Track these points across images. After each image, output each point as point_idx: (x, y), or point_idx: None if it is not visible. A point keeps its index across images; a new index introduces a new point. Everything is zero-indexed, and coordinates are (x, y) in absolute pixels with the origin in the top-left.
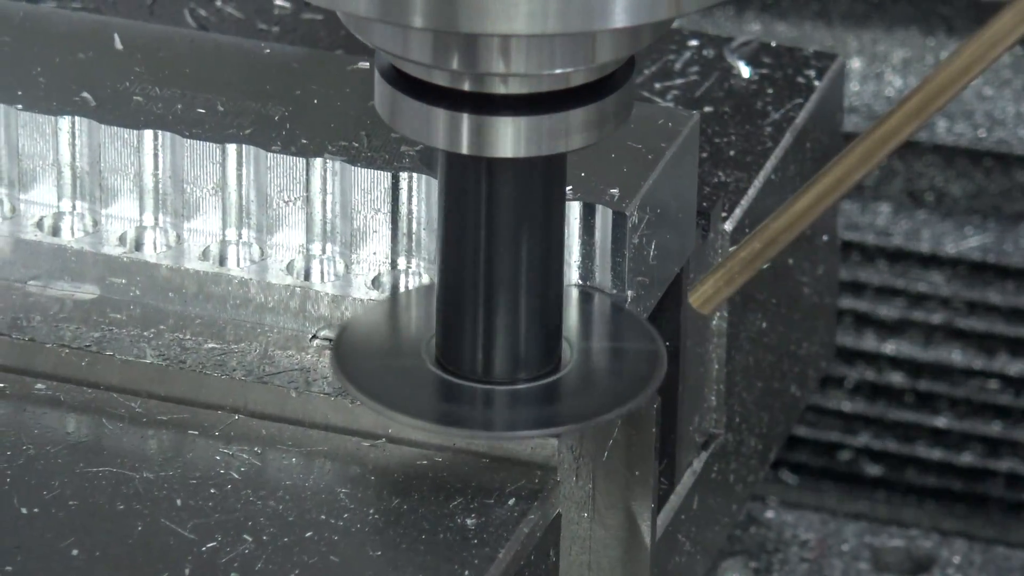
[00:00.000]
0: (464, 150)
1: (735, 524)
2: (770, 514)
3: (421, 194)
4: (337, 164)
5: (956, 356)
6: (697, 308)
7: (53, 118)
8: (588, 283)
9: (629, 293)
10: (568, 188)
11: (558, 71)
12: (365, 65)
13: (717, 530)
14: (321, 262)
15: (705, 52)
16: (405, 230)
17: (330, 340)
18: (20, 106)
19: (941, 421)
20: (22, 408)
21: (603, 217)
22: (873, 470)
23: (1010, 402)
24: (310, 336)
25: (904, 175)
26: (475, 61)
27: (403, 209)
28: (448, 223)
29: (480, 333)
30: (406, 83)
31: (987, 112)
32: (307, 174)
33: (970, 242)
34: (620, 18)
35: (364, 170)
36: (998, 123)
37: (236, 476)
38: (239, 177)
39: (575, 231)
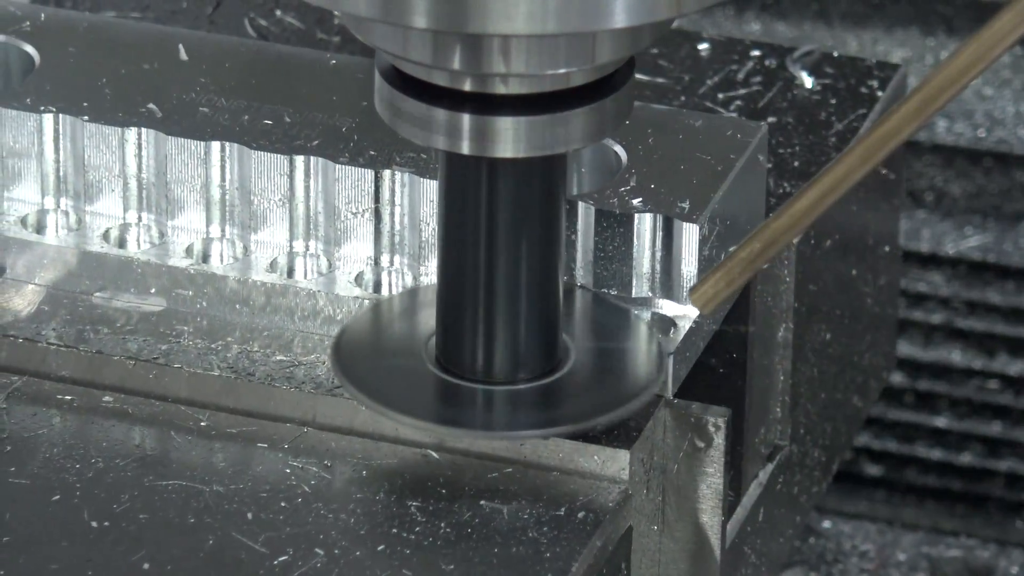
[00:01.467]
0: (464, 150)
1: (798, 535)
2: (827, 524)
3: None
4: (405, 175)
5: (956, 356)
6: (697, 308)
7: (120, 129)
8: (657, 296)
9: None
10: (638, 200)
11: (558, 71)
12: None
13: (781, 542)
14: (389, 274)
15: (767, 62)
16: None
17: None
18: (86, 117)
19: (941, 421)
20: (90, 421)
21: (673, 229)
22: (873, 470)
23: (1010, 402)
24: None
25: (904, 175)
26: (475, 61)
27: None
28: (448, 223)
29: (480, 333)
30: (406, 83)
31: (987, 112)
32: (375, 186)
33: (970, 242)
34: (620, 18)
35: (432, 182)
36: (998, 123)
37: (306, 489)
38: (307, 189)
39: (645, 243)
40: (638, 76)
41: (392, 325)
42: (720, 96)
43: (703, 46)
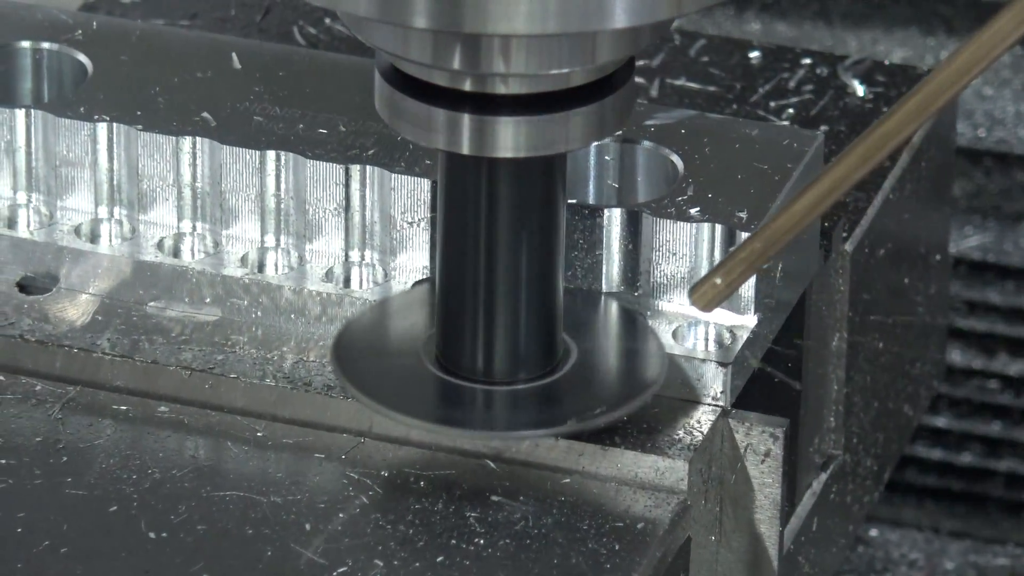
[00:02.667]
0: (464, 150)
1: (851, 545)
2: (874, 532)
3: None
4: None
5: (956, 356)
6: (698, 307)
7: (174, 138)
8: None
9: (756, 316)
10: (695, 210)
11: (558, 71)
12: None
13: (835, 552)
14: None
15: (819, 70)
16: None
17: None
18: (140, 126)
19: (941, 421)
20: (145, 431)
21: (732, 239)
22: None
23: (1010, 402)
24: None
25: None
26: (475, 61)
27: None
28: (448, 223)
29: (480, 333)
30: (406, 83)
31: (987, 112)
32: (432, 195)
33: (970, 242)
34: (620, 18)
35: None
36: (998, 123)
37: (364, 500)
38: (362, 198)
39: (704, 253)
40: (689, 84)
41: (392, 324)
42: (772, 104)
43: (754, 54)
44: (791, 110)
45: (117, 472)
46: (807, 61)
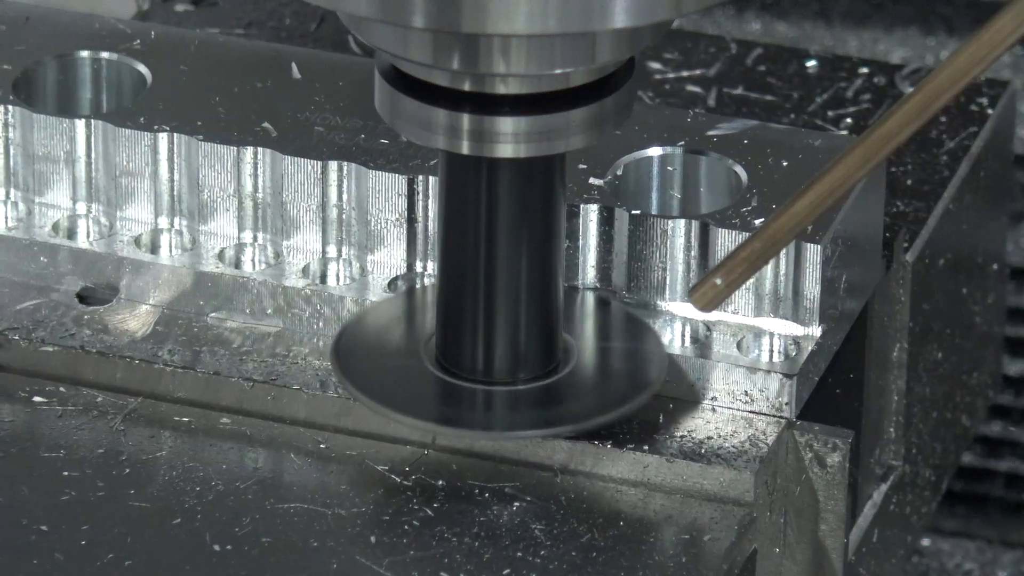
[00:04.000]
0: (464, 150)
1: (909, 555)
2: (926, 542)
3: (616, 226)
4: None
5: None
6: (698, 308)
7: (235, 149)
8: (778, 317)
9: (821, 327)
10: (760, 221)
11: (558, 71)
12: None
13: (894, 562)
14: None
15: (876, 79)
16: (594, 262)
17: None
18: (201, 137)
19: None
20: (208, 443)
21: (796, 250)
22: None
23: (1010, 402)
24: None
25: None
26: (475, 61)
27: (591, 240)
28: (448, 223)
29: (480, 333)
30: (406, 83)
31: None
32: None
33: None
34: (620, 18)
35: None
36: None
37: (429, 512)
38: (424, 209)
39: (768, 264)
40: (748, 94)
41: (392, 325)
42: (830, 114)
43: (811, 63)
44: (849, 119)
45: (180, 484)
46: (864, 70)
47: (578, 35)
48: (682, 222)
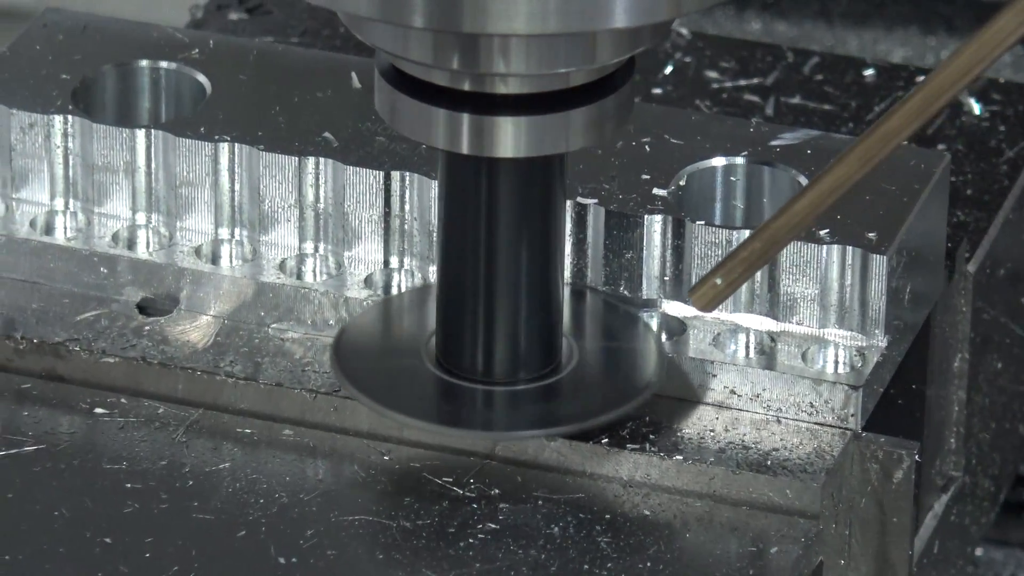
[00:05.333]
0: (464, 150)
1: (967, 566)
2: (979, 552)
3: (669, 236)
4: (592, 206)
5: None
6: (698, 308)
7: (296, 159)
8: (843, 327)
9: (885, 338)
10: (824, 231)
11: (558, 71)
12: None
13: (953, 573)
14: None
15: None
16: (657, 272)
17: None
18: (262, 147)
19: None
20: (271, 455)
21: (861, 261)
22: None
23: None
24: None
25: None
26: (475, 61)
27: (655, 251)
28: (448, 223)
29: (480, 333)
30: (406, 83)
31: None
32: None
33: None
34: (620, 18)
35: (617, 213)
36: None
37: (494, 525)
38: None
39: (833, 275)
40: (804, 103)
41: (392, 325)
42: None
43: (868, 72)
44: None
45: (243, 496)
46: (921, 79)
47: (578, 35)
48: (747, 233)
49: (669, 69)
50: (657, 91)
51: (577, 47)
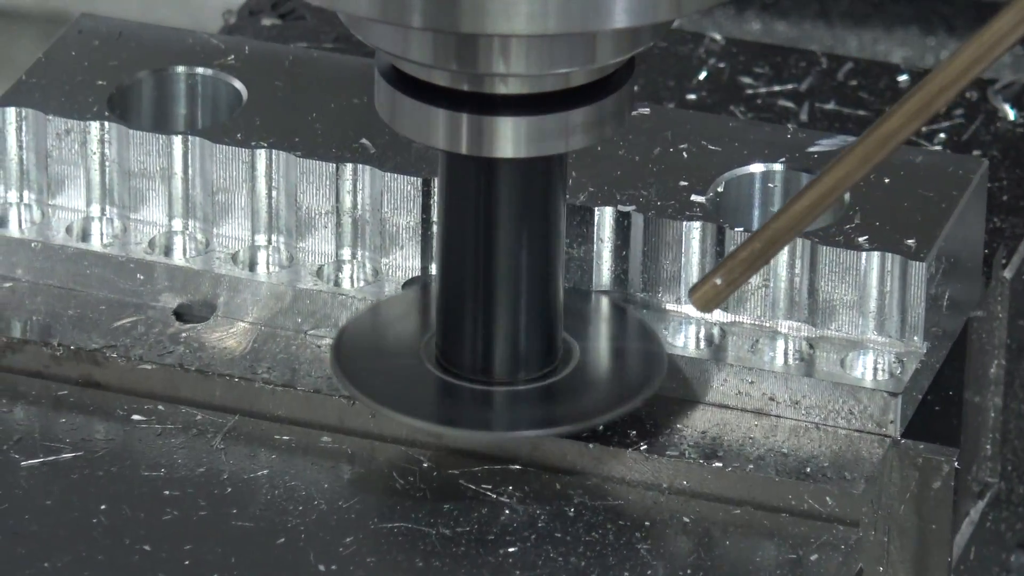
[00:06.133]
0: (464, 150)
1: (1002, 573)
2: (1014, 557)
3: (708, 242)
4: (631, 214)
5: None
6: (698, 308)
7: (334, 165)
8: (881, 334)
9: (924, 345)
10: (864, 238)
11: (558, 71)
12: (645, 110)
13: None
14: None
15: (968, 94)
16: (696, 278)
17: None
18: (299, 153)
19: None
20: (309, 461)
21: (901, 268)
22: None
23: None
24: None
25: None
26: (475, 61)
27: (693, 257)
28: (448, 223)
29: (480, 333)
30: (406, 83)
31: None
32: (596, 223)
33: None
34: (620, 19)
35: (661, 220)
36: None
37: (534, 532)
38: None
39: (872, 281)
40: (839, 108)
41: (392, 325)
42: (923, 129)
43: (903, 77)
44: (942, 135)
45: (282, 503)
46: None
47: (578, 35)
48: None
49: (703, 75)
50: (691, 97)
51: (577, 47)
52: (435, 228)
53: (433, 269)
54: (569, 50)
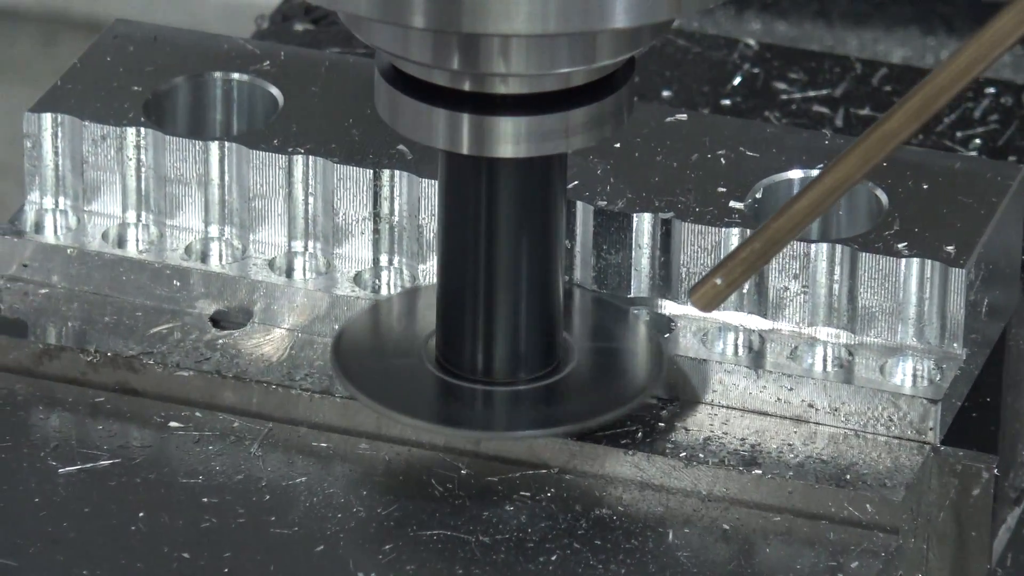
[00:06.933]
0: (464, 150)
1: None
2: None
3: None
4: (671, 220)
5: None
6: (698, 308)
7: (371, 171)
8: (920, 341)
9: (964, 351)
10: (903, 245)
11: (558, 71)
12: (683, 116)
13: None
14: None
15: (1003, 100)
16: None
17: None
18: (336, 159)
19: None
20: (347, 468)
21: (941, 274)
22: None
23: None
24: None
25: None
26: (475, 61)
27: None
28: (448, 223)
29: (480, 333)
30: (407, 83)
31: None
32: (633, 229)
33: None
34: (620, 18)
35: (693, 225)
36: None
37: (574, 541)
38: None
39: (912, 288)
40: (874, 114)
41: (392, 325)
42: (958, 135)
43: None
44: (978, 140)
45: (321, 511)
46: (991, 90)
47: (578, 35)
48: (824, 247)
49: (738, 80)
50: (726, 102)
51: (577, 47)
52: (435, 228)
53: None
54: (569, 50)
